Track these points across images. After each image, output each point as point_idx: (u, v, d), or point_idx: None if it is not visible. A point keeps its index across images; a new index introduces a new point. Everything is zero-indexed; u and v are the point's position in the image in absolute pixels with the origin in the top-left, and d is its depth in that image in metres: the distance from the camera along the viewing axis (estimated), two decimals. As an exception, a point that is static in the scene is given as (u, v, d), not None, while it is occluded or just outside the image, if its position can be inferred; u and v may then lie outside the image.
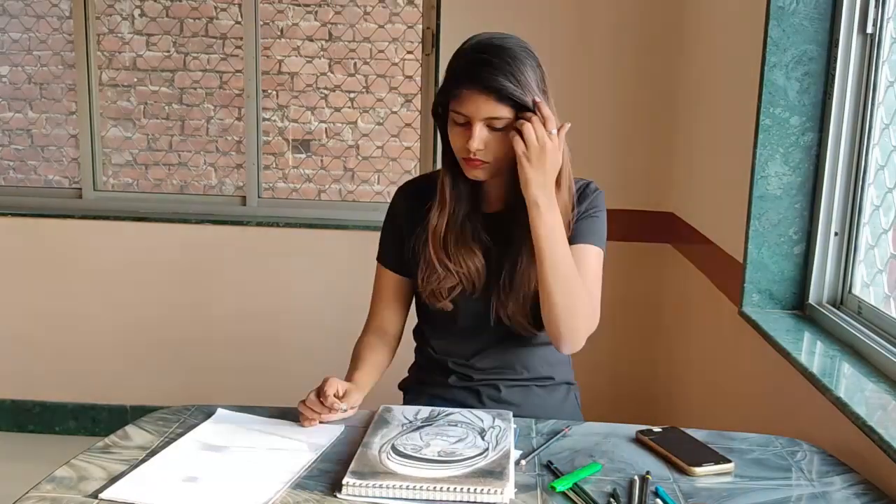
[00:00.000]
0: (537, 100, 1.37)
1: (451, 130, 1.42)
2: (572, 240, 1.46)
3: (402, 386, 1.70)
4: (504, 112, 1.36)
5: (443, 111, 1.44)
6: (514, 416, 1.39)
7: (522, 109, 1.36)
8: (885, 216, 1.73)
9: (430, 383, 1.61)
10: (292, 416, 1.41)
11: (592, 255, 1.49)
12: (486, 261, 1.49)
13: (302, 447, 1.28)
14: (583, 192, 1.51)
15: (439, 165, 2.91)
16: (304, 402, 1.37)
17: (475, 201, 1.50)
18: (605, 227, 1.52)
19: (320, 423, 1.37)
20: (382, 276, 1.62)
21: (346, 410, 1.38)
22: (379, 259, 1.63)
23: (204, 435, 1.32)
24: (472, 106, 1.36)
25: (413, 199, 1.55)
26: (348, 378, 1.49)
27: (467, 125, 1.38)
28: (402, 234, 1.56)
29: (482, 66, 1.34)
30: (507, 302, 1.47)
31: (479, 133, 1.37)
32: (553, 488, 1.17)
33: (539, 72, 1.39)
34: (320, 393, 1.35)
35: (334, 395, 1.35)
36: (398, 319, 1.63)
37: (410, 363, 1.70)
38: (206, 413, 1.41)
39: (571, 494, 1.16)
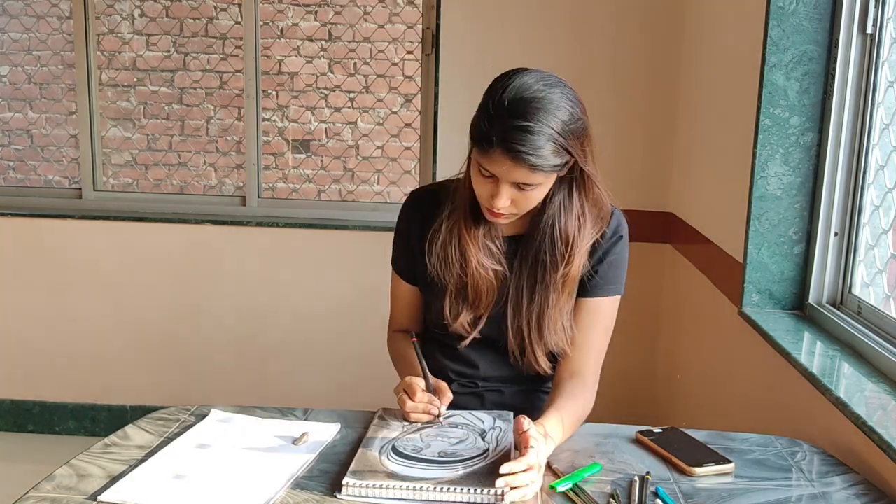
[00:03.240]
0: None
1: (474, 175, 1.33)
2: (594, 290, 1.43)
3: None
4: (537, 179, 1.28)
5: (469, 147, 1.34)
6: (514, 416, 1.39)
7: (561, 168, 1.30)
8: (885, 216, 1.73)
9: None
10: (291, 416, 1.41)
11: (612, 307, 1.46)
12: (501, 282, 1.43)
13: (300, 448, 1.28)
14: (606, 226, 1.44)
15: (439, 166, 2.94)
16: (407, 395, 1.35)
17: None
18: (627, 262, 1.47)
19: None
20: (397, 282, 1.58)
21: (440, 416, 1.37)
22: (392, 265, 1.58)
23: (202, 435, 1.32)
24: (501, 169, 1.27)
25: (425, 208, 1.48)
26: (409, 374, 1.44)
27: (493, 178, 1.30)
28: (412, 244, 1.50)
29: (520, 134, 1.23)
30: (532, 344, 1.42)
31: (506, 192, 1.29)
32: (553, 489, 1.17)
33: (580, 123, 1.30)
34: (434, 391, 1.36)
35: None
36: (418, 320, 1.60)
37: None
38: (206, 413, 1.40)
39: (571, 495, 1.16)
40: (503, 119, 1.24)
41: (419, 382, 1.36)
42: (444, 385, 1.39)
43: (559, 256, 1.38)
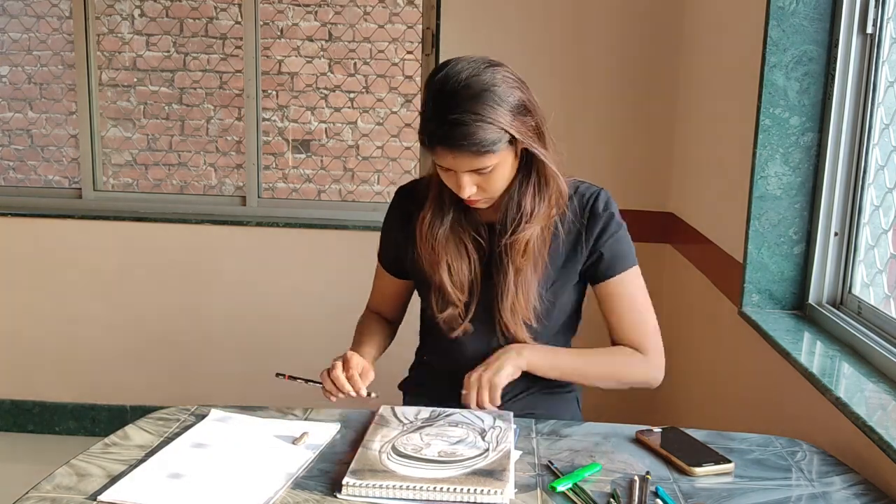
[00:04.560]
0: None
1: (438, 170, 1.38)
2: (609, 270, 1.46)
3: (403, 386, 1.69)
4: (488, 161, 1.31)
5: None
6: (514, 416, 1.39)
7: (509, 144, 1.33)
8: (885, 216, 1.73)
9: (430, 386, 1.60)
10: (291, 416, 1.41)
11: (633, 279, 1.49)
12: (483, 270, 1.46)
13: (300, 447, 1.28)
14: (592, 206, 1.46)
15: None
16: (327, 373, 1.41)
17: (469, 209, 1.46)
18: (628, 235, 1.49)
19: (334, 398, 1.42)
20: (380, 274, 1.64)
21: (375, 397, 1.42)
22: (378, 257, 1.64)
23: (202, 435, 1.32)
24: (450, 161, 1.32)
25: (409, 202, 1.53)
26: (355, 349, 1.52)
27: (452, 170, 1.34)
28: (396, 237, 1.55)
29: (450, 127, 1.27)
30: (510, 322, 1.45)
31: (468, 180, 1.34)
32: (553, 488, 1.17)
33: (516, 96, 1.32)
34: (346, 369, 1.40)
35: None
36: (397, 314, 1.68)
37: (411, 363, 1.70)
38: (206, 413, 1.40)
39: (571, 495, 1.16)
40: (433, 118, 1.29)
41: (357, 362, 1.41)
42: (368, 369, 1.44)
43: (521, 221, 1.41)
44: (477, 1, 2.82)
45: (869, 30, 1.77)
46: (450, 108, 1.28)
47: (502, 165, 1.34)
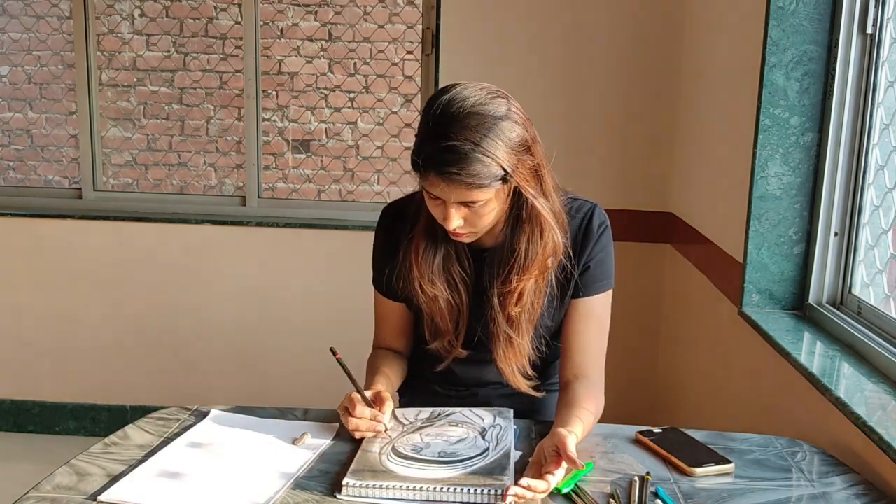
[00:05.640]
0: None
1: (426, 198, 1.31)
2: (586, 289, 1.41)
3: (400, 389, 1.68)
4: (480, 195, 1.25)
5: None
6: (514, 416, 1.39)
7: (503, 182, 1.26)
8: (885, 216, 1.73)
9: (426, 392, 1.59)
10: (291, 416, 1.41)
11: (606, 301, 1.44)
12: (472, 297, 1.41)
13: (300, 448, 1.28)
14: (587, 226, 1.41)
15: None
16: (348, 411, 1.29)
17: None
18: (613, 256, 1.45)
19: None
20: (380, 301, 1.54)
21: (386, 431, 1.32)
22: (374, 284, 1.54)
23: (202, 435, 1.32)
24: (441, 191, 1.25)
25: (398, 223, 1.45)
26: (368, 387, 1.41)
27: (441, 200, 1.27)
28: (389, 260, 1.46)
29: (447, 154, 1.20)
30: (504, 368, 1.41)
31: (456, 213, 1.27)
32: (559, 490, 1.16)
33: (519, 133, 1.25)
34: (372, 404, 1.31)
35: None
36: (407, 342, 1.57)
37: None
38: (206, 413, 1.40)
39: (572, 495, 1.16)
40: (430, 141, 1.23)
41: (358, 397, 1.31)
42: (384, 395, 1.34)
43: (513, 271, 1.34)
44: (477, 1, 2.82)
45: (869, 30, 1.77)
46: (450, 133, 1.21)
47: (493, 202, 1.27)
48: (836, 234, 1.87)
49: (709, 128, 2.45)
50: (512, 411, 1.40)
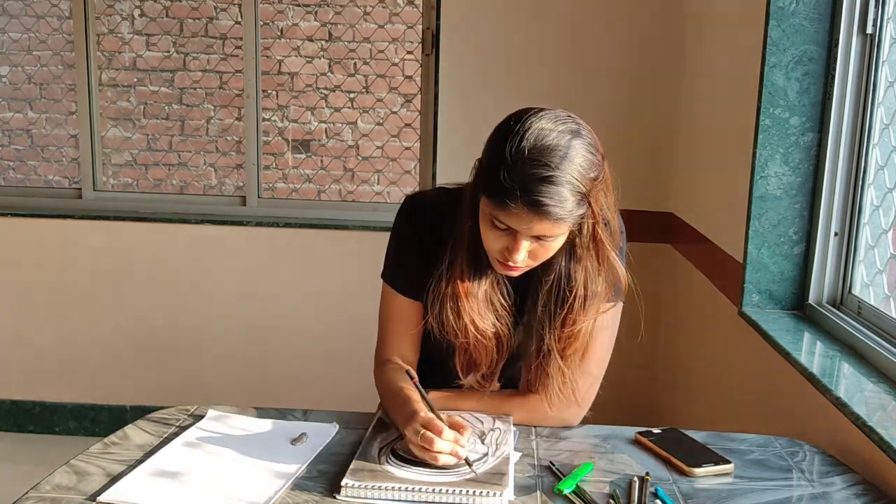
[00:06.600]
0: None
1: (486, 228, 1.21)
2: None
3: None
4: (560, 230, 1.19)
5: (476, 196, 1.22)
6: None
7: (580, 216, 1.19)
8: (885, 216, 1.73)
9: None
10: (290, 416, 1.41)
11: (613, 318, 1.39)
12: (508, 335, 1.34)
13: (299, 448, 1.28)
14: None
15: (439, 166, 2.93)
16: (423, 436, 1.16)
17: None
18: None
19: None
20: (393, 299, 1.40)
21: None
22: (389, 280, 1.40)
23: (202, 436, 1.32)
24: (522, 223, 1.16)
25: (424, 219, 1.37)
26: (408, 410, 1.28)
27: (509, 231, 1.19)
28: (409, 251, 1.37)
29: (544, 186, 1.13)
30: (550, 389, 1.34)
31: (525, 246, 1.19)
32: (560, 491, 1.16)
33: (599, 170, 1.20)
34: (450, 428, 1.18)
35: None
36: (417, 350, 1.42)
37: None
38: (205, 414, 1.40)
39: (572, 496, 1.16)
40: (524, 170, 1.13)
41: (437, 421, 1.18)
42: (461, 420, 1.22)
43: (573, 310, 1.28)
44: (477, 1, 2.82)
45: (869, 30, 1.77)
46: (546, 164, 1.13)
47: (566, 234, 1.22)
48: (836, 234, 1.87)
49: (709, 128, 2.45)
50: (512, 416, 1.39)
